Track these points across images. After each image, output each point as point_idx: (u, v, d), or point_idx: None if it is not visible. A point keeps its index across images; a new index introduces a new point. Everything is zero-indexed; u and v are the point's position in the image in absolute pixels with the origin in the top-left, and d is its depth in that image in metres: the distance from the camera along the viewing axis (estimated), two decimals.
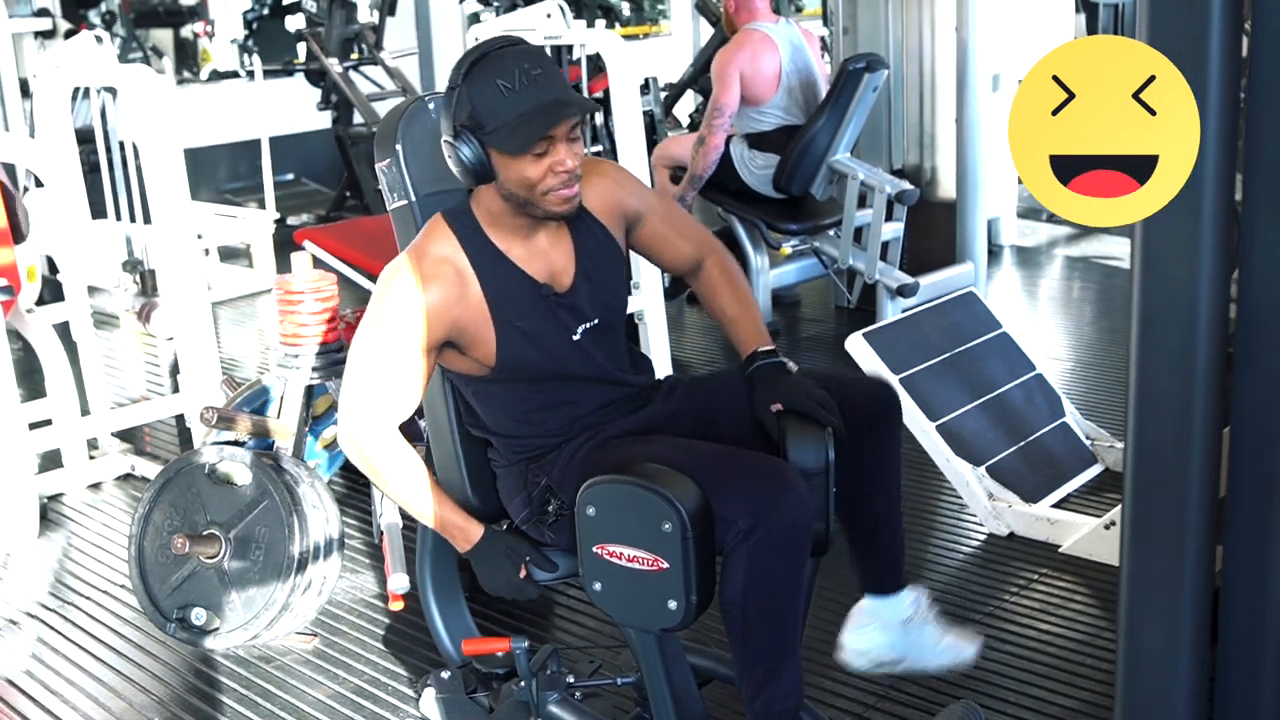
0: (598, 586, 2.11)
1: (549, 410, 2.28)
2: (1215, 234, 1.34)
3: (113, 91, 4.72)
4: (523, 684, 2.34)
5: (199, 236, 6.26)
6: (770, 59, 5.13)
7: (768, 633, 2.09)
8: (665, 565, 2.00)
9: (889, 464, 2.36)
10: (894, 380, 3.58)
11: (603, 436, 2.26)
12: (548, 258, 2.25)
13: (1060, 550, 3.38)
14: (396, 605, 2.46)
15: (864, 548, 2.42)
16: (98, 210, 4.97)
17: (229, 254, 6.97)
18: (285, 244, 4.77)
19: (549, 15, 4.76)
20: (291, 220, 8.00)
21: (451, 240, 2.20)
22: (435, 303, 2.14)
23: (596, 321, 2.29)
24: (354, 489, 3.89)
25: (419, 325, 2.14)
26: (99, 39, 4.22)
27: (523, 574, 2.23)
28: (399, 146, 2.34)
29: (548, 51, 5.37)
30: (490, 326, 2.18)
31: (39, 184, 4.53)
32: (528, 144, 2.08)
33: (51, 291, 4.78)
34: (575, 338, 2.26)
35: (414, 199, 2.35)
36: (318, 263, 3.42)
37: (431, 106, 2.41)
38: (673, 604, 2.02)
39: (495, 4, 9.53)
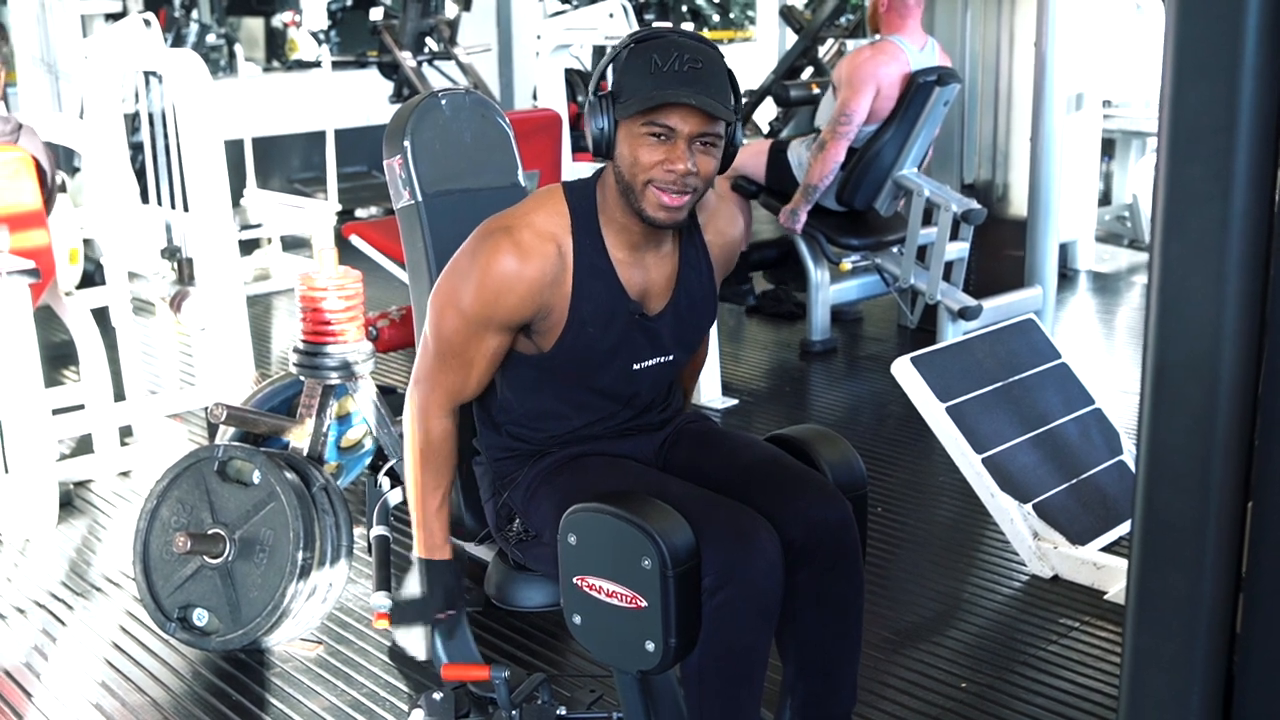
0: (577, 620, 1.98)
1: (556, 416, 2.16)
2: (1243, 276, 1.18)
3: (159, 76, 4.68)
4: (504, 714, 2.23)
5: (260, 225, 6.26)
6: (900, 83, 4.93)
7: (723, 702, 1.94)
8: (644, 604, 1.87)
9: (828, 602, 2.06)
10: (939, 409, 3.41)
11: (569, 455, 2.14)
12: (647, 274, 2.10)
13: (1105, 597, 3.19)
14: (381, 624, 2.35)
15: (790, 687, 2.13)
16: (141, 195, 4.94)
17: (292, 244, 6.94)
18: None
19: (611, 15, 4.64)
20: (360, 212, 7.98)
21: (564, 217, 2.05)
22: (533, 281, 2.00)
23: (670, 358, 2.16)
24: None
25: (509, 302, 2.00)
26: (147, 22, 4.17)
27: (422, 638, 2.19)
28: (408, 143, 2.24)
29: (609, 52, 5.29)
30: (564, 318, 2.05)
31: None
32: (639, 107, 1.91)
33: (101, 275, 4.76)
34: (636, 367, 2.13)
35: (420, 199, 2.25)
36: (345, 258, 3.32)
37: (444, 103, 2.30)
38: (650, 645, 1.89)
39: (575, 2, 9.45)
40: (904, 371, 3.46)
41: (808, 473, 2.11)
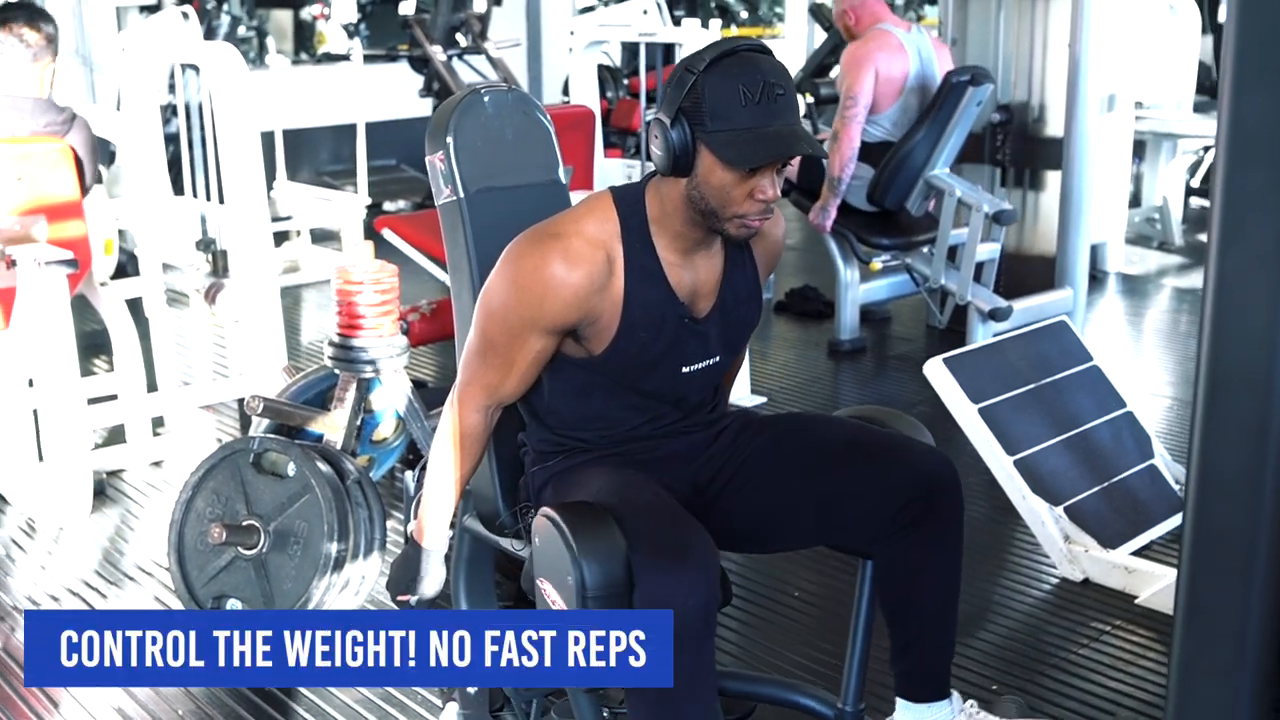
0: None
1: (604, 419, 2.18)
2: None
3: (196, 68, 4.70)
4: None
5: (290, 218, 6.28)
6: (900, 66, 4.94)
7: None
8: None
9: (944, 557, 2.16)
10: (971, 411, 3.41)
11: (590, 458, 2.16)
12: (696, 275, 2.12)
13: (1137, 601, 3.19)
14: None
15: (904, 647, 2.22)
16: (176, 187, 4.96)
17: (321, 236, 6.97)
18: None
19: (645, 11, 4.65)
20: (388, 205, 8.00)
21: (614, 224, 2.06)
22: (579, 288, 2.01)
23: (716, 360, 2.18)
24: None
25: (554, 307, 2.02)
26: (185, 15, 4.20)
27: (401, 596, 2.24)
28: (450, 139, 2.24)
29: (642, 48, 5.31)
30: (616, 324, 2.06)
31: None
32: (749, 163, 1.94)
33: (134, 265, 4.79)
34: (685, 370, 2.15)
35: (463, 195, 2.25)
36: (386, 253, 3.34)
37: (486, 99, 2.31)
38: None
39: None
40: (937, 372, 3.46)
41: (903, 437, 2.21)
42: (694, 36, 4.90)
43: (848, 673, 2.31)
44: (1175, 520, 3.54)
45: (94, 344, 4.79)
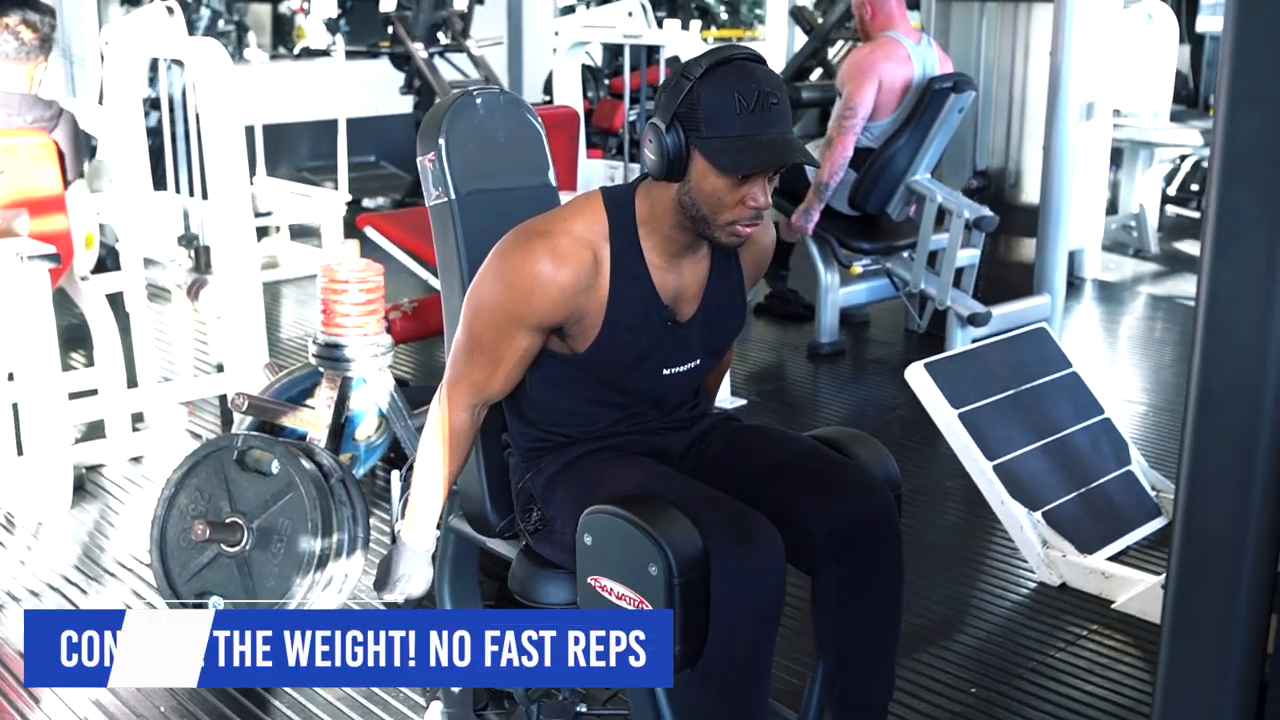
0: None
1: (585, 415, 2.19)
2: None
3: (181, 64, 4.69)
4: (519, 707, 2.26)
5: (270, 213, 6.27)
6: (903, 76, 4.95)
7: (727, 705, 1.96)
8: (649, 609, 1.90)
9: (872, 590, 2.10)
10: (952, 415, 3.44)
11: (591, 449, 2.17)
12: (681, 279, 2.14)
13: (1113, 606, 3.22)
14: None
15: (831, 678, 2.16)
16: (158, 182, 4.95)
17: (300, 232, 6.95)
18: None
19: (630, 14, 4.66)
20: (367, 202, 7.99)
21: (602, 224, 2.08)
22: (566, 285, 2.03)
23: (698, 363, 2.20)
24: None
25: (541, 304, 2.03)
26: (170, 10, 4.19)
27: (388, 594, 2.25)
28: (442, 141, 2.25)
29: (627, 50, 5.33)
30: (600, 323, 2.08)
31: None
32: (741, 169, 1.96)
33: (114, 260, 4.77)
34: (666, 372, 2.16)
35: (454, 197, 2.26)
36: (367, 251, 3.34)
37: (479, 101, 2.31)
38: None
39: None
40: (918, 377, 3.49)
41: (849, 464, 2.16)
42: (679, 39, 4.92)
43: (808, 695, 2.26)
44: (1151, 526, 3.59)
45: (73, 338, 4.77)
